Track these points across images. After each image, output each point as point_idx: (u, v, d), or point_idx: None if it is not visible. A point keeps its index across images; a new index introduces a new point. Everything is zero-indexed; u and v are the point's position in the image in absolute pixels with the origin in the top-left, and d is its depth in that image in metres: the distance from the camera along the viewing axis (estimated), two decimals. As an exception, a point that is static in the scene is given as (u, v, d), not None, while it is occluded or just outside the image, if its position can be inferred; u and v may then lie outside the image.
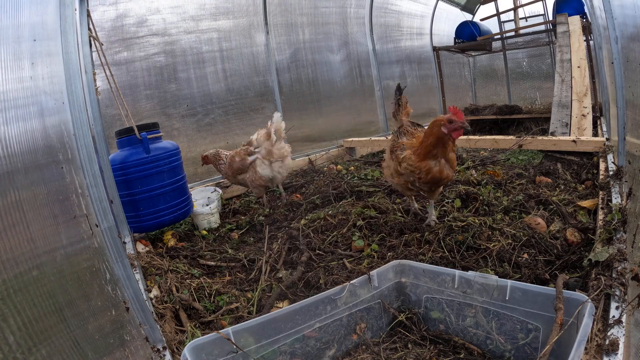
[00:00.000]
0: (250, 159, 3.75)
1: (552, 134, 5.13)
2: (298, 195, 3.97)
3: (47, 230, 1.39)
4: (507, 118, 7.78)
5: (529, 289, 1.65)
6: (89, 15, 2.48)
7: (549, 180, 3.53)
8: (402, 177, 2.66)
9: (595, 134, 4.98)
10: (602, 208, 2.57)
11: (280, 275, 2.47)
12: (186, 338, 1.95)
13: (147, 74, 4.36)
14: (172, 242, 3.09)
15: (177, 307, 2.19)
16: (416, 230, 2.72)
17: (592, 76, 6.22)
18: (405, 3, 8.01)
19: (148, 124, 3.08)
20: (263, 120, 5.46)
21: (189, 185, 3.79)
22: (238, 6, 5.18)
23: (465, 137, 5.28)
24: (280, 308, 1.82)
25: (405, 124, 2.91)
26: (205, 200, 3.85)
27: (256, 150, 3.76)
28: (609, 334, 1.48)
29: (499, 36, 9.02)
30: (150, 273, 2.48)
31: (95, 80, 2.46)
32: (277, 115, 3.77)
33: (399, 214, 3.01)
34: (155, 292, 2.26)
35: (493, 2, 9.22)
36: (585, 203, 2.84)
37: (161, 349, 1.77)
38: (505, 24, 9.43)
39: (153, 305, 2.08)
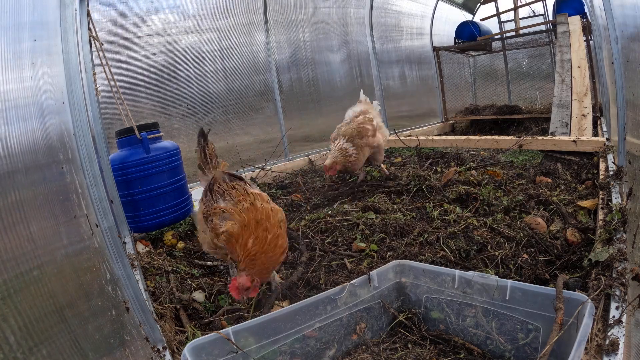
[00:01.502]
0: (374, 123, 3.99)
1: (552, 134, 5.13)
2: (298, 195, 3.97)
3: (47, 230, 1.39)
4: (507, 118, 7.78)
5: (529, 289, 1.66)
6: (89, 15, 2.48)
7: (549, 180, 3.54)
8: (221, 249, 2.10)
9: (595, 134, 4.98)
10: (602, 208, 2.57)
11: (281, 276, 2.47)
12: (186, 338, 1.95)
13: (147, 73, 4.36)
14: (173, 242, 3.09)
15: (177, 307, 2.19)
16: (413, 232, 2.72)
17: (592, 76, 6.22)
18: (405, 3, 8.01)
19: (148, 124, 3.08)
20: (263, 120, 5.46)
21: (189, 185, 3.78)
22: (238, 5, 5.18)
23: (465, 137, 5.29)
24: (281, 308, 1.82)
25: (218, 177, 2.30)
26: (205, 200, 3.84)
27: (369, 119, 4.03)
28: (609, 334, 1.48)
29: (499, 36, 9.01)
30: (151, 273, 2.48)
31: (95, 80, 2.46)
32: (366, 97, 4.24)
33: (400, 214, 3.01)
34: (155, 292, 2.26)
35: (493, 2, 9.21)
36: (585, 203, 2.84)
37: (161, 349, 1.77)
38: (505, 24, 9.42)
39: (153, 306, 2.08)
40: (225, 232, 1.95)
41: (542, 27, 8.28)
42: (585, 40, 5.97)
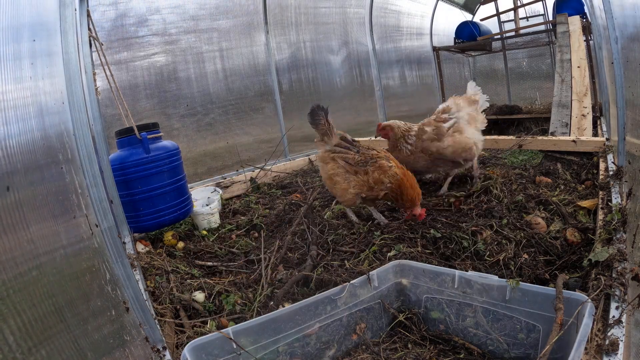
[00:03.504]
0: (446, 125, 3.35)
1: (552, 134, 5.13)
2: (298, 195, 3.97)
3: (46, 231, 1.39)
4: (507, 118, 7.78)
5: (529, 289, 1.65)
6: (89, 15, 2.48)
7: (549, 180, 3.53)
8: (373, 190, 2.83)
9: (595, 134, 4.98)
10: (602, 208, 2.57)
11: (281, 276, 2.47)
12: (186, 338, 1.95)
13: (147, 73, 4.36)
14: (173, 242, 3.09)
15: (177, 307, 2.19)
16: (414, 231, 2.72)
17: (592, 76, 6.22)
18: (405, 3, 8.01)
19: (148, 124, 3.08)
20: (263, 120, 5.46)
21: (189, 185, 3.78)
22: (238, 6, 5.18)
23: (465, 137, 5.26)
24: (282, 308, 1.82)
25: (338, 142, 3.03)
26: (205, 200, 3.85)
27: (451, 117, 3.40)
28: (609, 334, 1.48)
29: (499, 36, 9.01)
30: (151, 273, 2.48)
31: (95, 80, 2.45)
32: (475, 86, 3.61)
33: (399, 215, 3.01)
34: (155, 292, 2.26)
35: (493, 2, 9.22)
36: (585, 203, 2.83)
37: (161, 349, 1.77)
38: (505, 24, 9.43)
39: (153, 306, 2.08)
40: (394, 172, 2.80)
41: (542, 27, 8.28)
42: (585, 40, 5.97)
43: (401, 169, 2.85)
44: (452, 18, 9.30)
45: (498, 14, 9.17)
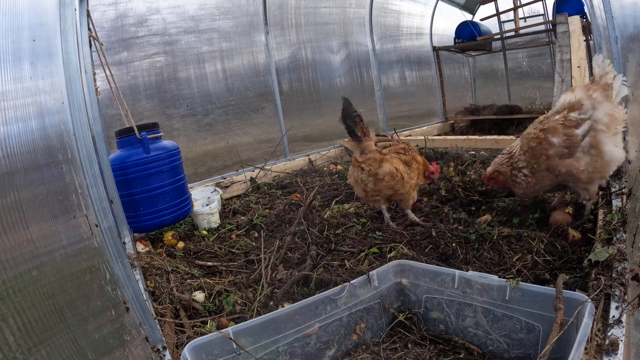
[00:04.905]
0: (579, 131, 2.36)
1: (552, 134, 5.11)
2: (297, 195, 3.97)
3: (46, 231, 1.39)
4: (507, 118, 7.77)
5: (529, 289, 1.65)
6: (89, 15, 2.48)
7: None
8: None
9: (595, 134, 4.96)
10: (601, 208, 2.56)
11: (281, 276, 2.47)
12: (186, 338, 1.95)
13: (147, 74, 4.36)
14: (173, 242, 3.09)
15: (177, 307, 2.19)
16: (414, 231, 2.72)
17: (592, 76, 6.21)
18: (405, 3, 8.00)
19: (148, 124, 3.08)
20: (263, 121, 5.46)
21: (189, 185, 3.78)
22: (238, 6, 5.18)
23: (465, 137, 5.28)
24: (282, 308, 1.82)
25: (379, 138, 2.98)
26: (205, 200, 3.85)
27: (584, 117, 2.39)
28: (609, 334, 1.48)
29: (499, 36, 9.01)
30: (151, 273, 2.48)
31: (95, 80, 2.46)
32: (603, 60, 2.46)
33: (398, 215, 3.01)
34: (155, 292, 2.26)
35: (493, 2, 9.21)
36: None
37: (161, 349, 1.77)
38: (505, 24, 9.42)
39: (153, 305, 2.08)
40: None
41: (542, 27, 8.28)
42: (585, 40, 5.97)
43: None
44: (452, 18, 9.30)
45: (498, 14, 9.17)
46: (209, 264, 2.77)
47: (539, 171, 2.48)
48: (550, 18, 8.06)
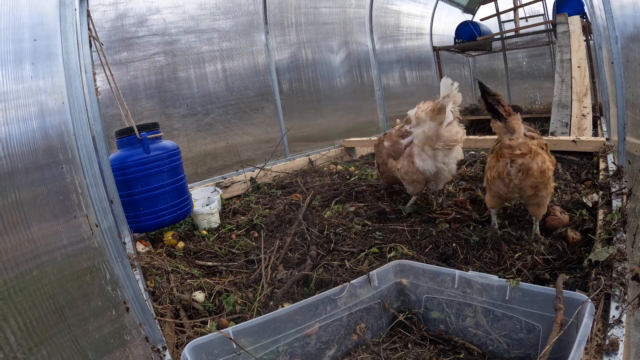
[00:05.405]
0: (404, 142, 2.87)
1: (552, 134, 5.13)
2: (298, 195, 3.97)
3: (47, 230, 1.39)
4: (507, 118, 7.77)
5: (529, 289, 1.65)
6: (89, 15, 2.48)
7: (549, 180, 3.52)
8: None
9: (595, 134, 4.98)
10: (602, 208, 2.57)
11: (281, 276, 2.47)
12: (186, 338, 1.95)
13: (147, 73, 4.35)
14: (173, 242, 3.09)
15: (177, 307, 2.19)
16: (413, 230, 2.72)
17: (592, 76, 6.22)
18: (405, 3, 8.01)
19: (148, 124, 3.08)
20: (263, 120, 5.46)
21: (189, 185, 3.78)
22: (238, 6, 5.18)
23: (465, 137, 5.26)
24: (282, 308, 1.82)
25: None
26: (205, 200, 3.85)
27: (412, 130, 2.82)
28: (609, 334, 1.48)
29: (499, 36, 9.01)
30: (151, 273, 2.48)
31: (95, 80, 2.46)
32: (447, 81, 2.64)
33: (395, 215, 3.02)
34: (155, 292, 2.26)
35: (493, 2, 9.22)
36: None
37: (161, 349, 1.77)
38: (505, 24, 9.43)
39: (153, 305, 2.08)
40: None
41: (542, 27, 8.28)
42: (585, 40, 5.98)
43: None
44: (452, 18, 9.31)
45: (498, 13, 9.17)
46: (209, 264, 2.77)
47: (381, 165, 3.29)
48: (550, 18, 8.07)
